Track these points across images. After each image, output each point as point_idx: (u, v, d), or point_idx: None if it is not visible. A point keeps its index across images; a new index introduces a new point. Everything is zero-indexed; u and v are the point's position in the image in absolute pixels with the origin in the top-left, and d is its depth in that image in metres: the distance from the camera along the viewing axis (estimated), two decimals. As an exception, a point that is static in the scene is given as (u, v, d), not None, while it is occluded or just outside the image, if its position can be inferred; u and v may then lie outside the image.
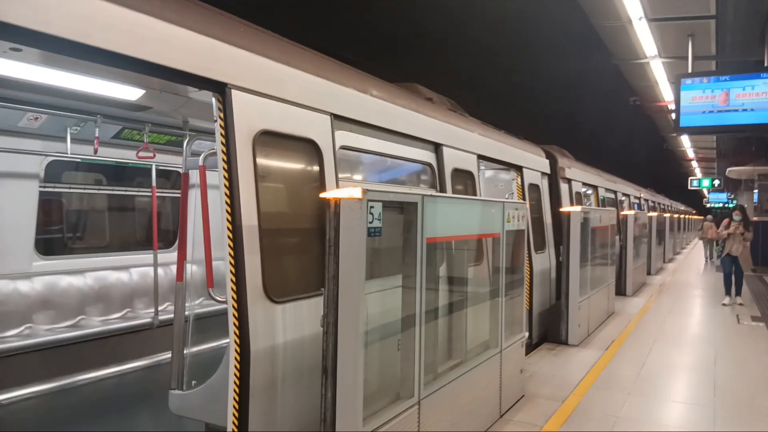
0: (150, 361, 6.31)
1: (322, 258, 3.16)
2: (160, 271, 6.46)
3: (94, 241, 7.25)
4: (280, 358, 3.44)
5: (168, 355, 4.83)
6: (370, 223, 3.14)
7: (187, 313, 4.27)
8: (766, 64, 8.91)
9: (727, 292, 11.56)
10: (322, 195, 3.18)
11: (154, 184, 6.30)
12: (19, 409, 5.06)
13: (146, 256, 6.56)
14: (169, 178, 7.28)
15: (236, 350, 3.16)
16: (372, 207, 3.15)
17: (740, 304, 11.29)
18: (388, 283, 3.85)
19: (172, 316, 4.69)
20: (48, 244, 6.34)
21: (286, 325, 3.47)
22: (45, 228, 6.30)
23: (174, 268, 5.26)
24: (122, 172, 7.04)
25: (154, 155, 5.74)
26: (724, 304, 11.34)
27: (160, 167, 6.67)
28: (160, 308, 6.32)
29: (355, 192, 3.07)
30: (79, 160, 6.06)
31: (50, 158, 5.78)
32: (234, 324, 3.16)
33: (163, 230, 7.30)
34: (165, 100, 4.30)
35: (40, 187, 5.87)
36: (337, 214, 3.11)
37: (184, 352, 4.22)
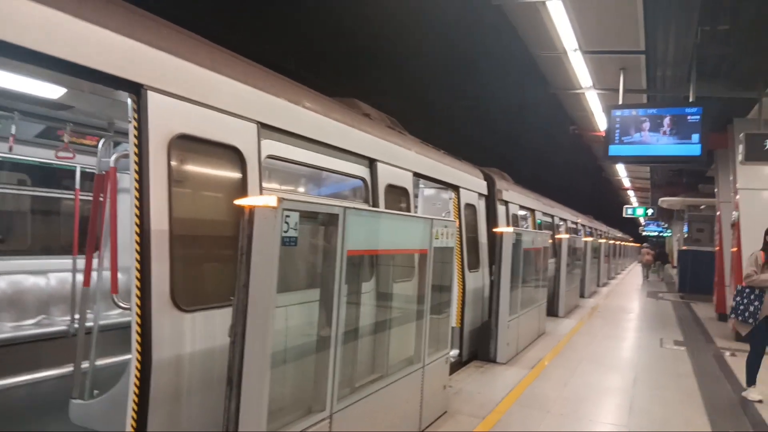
0: (65, 370, 6.02)
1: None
2: (80, 277, 6.20)
3: (14, 244, 6.91)
4: (187, 368, 3.34)
5: (85, 364, 4.65)
6: (285, 232, 3.12)
7: (91, 322, 4.10)
8: (691, 99, 9.44)
9: (752, 381, 6.95)
10: (237, 202, 3.14)
11: (77, 186, 6.08)
12: None
13: (68, 261, 6.30)
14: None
15: (137, 359, 3.05)
16: (288, 216, 3.13)
17: (758, 401, 6.76)
18: (306, 295, 3.82)
19: (89, 324, 4.50)
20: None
21: (195, 335, 3.39)
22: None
23: (95, 274, 5.08)
24: (48, 173, 6.76)
25: (74, 156, 5.54)
26: (756, 401, 6.75)
27: (87, 170, 6.45)
28: (78, 316, 6.05)
29: (270, 200, 3.05)
30: None
31: None
32: (137, 332, 3.06)
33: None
34: (88, 101, 4.17)
35: None
36: (251, 221, 3.07)
37: (92, 361, 4.05)
